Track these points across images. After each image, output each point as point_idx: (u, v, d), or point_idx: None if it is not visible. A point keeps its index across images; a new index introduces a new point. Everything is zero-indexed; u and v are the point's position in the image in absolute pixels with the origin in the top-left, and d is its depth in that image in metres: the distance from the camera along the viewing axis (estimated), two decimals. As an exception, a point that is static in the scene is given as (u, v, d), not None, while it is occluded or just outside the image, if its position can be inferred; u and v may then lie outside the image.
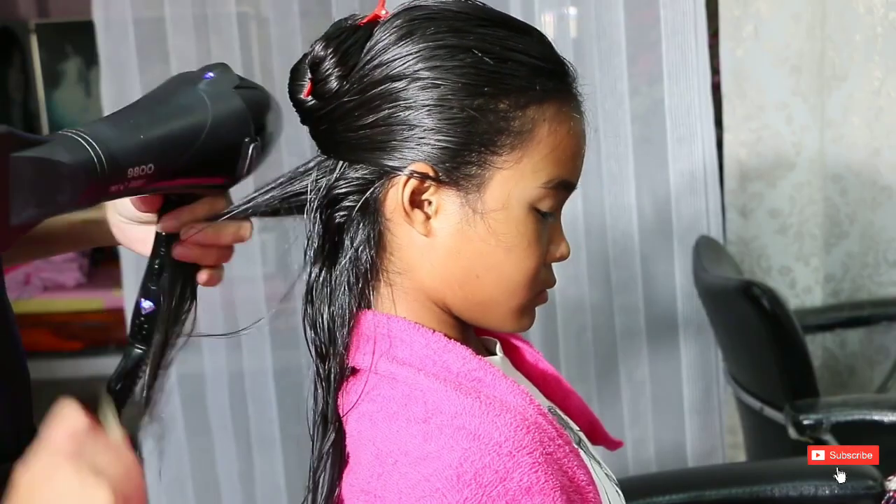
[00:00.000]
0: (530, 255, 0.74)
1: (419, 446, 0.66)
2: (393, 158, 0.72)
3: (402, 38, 0.71)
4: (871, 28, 2.11)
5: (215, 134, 0.73)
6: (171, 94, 0.74)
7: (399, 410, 0.69)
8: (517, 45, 0.72)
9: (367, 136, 0.72)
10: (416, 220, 0.72)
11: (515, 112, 0.71)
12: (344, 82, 0.72)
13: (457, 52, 0.71)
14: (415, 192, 0.72)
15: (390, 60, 0.71)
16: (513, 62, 0.71)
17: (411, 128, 0.71)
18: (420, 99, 0.70)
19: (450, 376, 0.71)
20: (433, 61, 0.71)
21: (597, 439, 0.92)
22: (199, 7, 2.13)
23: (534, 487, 0.64)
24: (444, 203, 0.72)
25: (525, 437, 0.66)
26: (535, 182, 0.72)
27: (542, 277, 0.76)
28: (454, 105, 0.70)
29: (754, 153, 2.17)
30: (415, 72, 0.71)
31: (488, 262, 0.73)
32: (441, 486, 0.63)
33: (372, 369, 0.73)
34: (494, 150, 0.71)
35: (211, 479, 2.29)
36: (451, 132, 0.71)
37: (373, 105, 0.71)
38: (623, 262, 2.17)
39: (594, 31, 2.10)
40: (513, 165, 0.72)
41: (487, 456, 0.64)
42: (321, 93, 0.73)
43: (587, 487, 0.70)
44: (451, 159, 0.71)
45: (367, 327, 0.74)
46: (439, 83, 0.70)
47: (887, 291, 2.20)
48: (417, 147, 0.71)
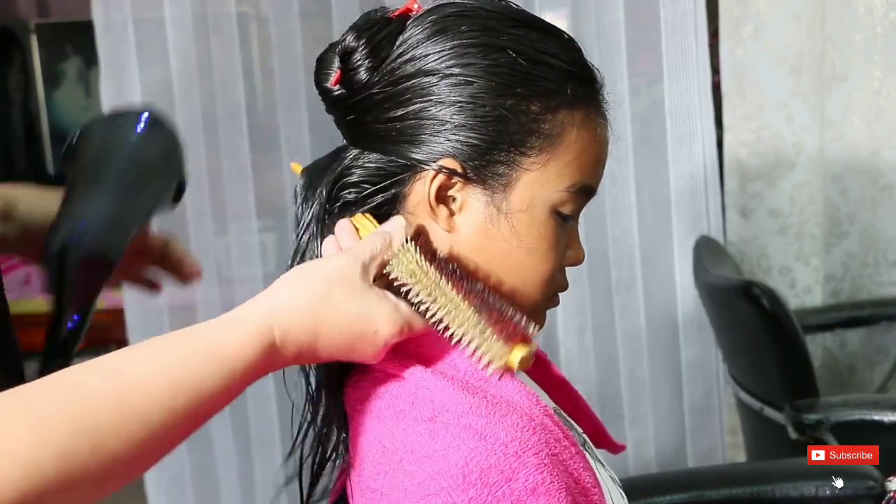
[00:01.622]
0: (549, 257, 0.74)
1: (425, 444, 0.66)
2: (421, 152, 0.72)
3: (435, 33, 0.72)
4: (871, 28, 2.11)
5: (154, 191, 0.80)
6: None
7: (406, 408, 0.69)
8: (549, 49, 0.73)
9: (395, 129, 0.73)
10: (441, 215, 0.73)
11: (546, 115, 0.72)
12: (374, 74, 0.73)
13: (490, 52, 0.71)
14: (441, 187, 0.72)
15: (423, 55, 0.72)
16: (545, 65, 0.72)
17: (442, 123, 0.71)
18: (452, 96, 0.71)
19: (457, 375, 0.71)
20: (466, 58, 0.71)
21: (600, 443, 0.92)
22: (199, 7, 2.13)
23: (539, 488, 0.64)
24: (470, 200, 0.73)
25: (531, 438, 0.66)
26: (560, 186, 0.73)
27: (557, 280, 0.77)
28: (486, 103, 0.71)
29: (754, 153, 2.17)
30: (447, 68, 0.71)
31: (508, 261, 0.74)
32: (446, 485, 0.63)
33: (377, 366, 0.73)
34: (523, 151, 0.72)
35: (211, 478, 2.29)
36: (481, 130, 0.71)
37: (403, 98, 0.72)
38: (623, 262, 2.17)
39: (594, 31, 2.09)
40: (540, 168, 0.72)
41: (493, 456, 0.64)
42: (350, 83, 0.74)
43: (592, 489, 0.70)
44: (480, 157, 0.72)
45: None
46: (472, 80, 0.71)
47: (887, 291, 2.20)
48: (447, 142, 0.72)
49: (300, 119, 2.15)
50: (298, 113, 2.15)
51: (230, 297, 2.20)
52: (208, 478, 2.29)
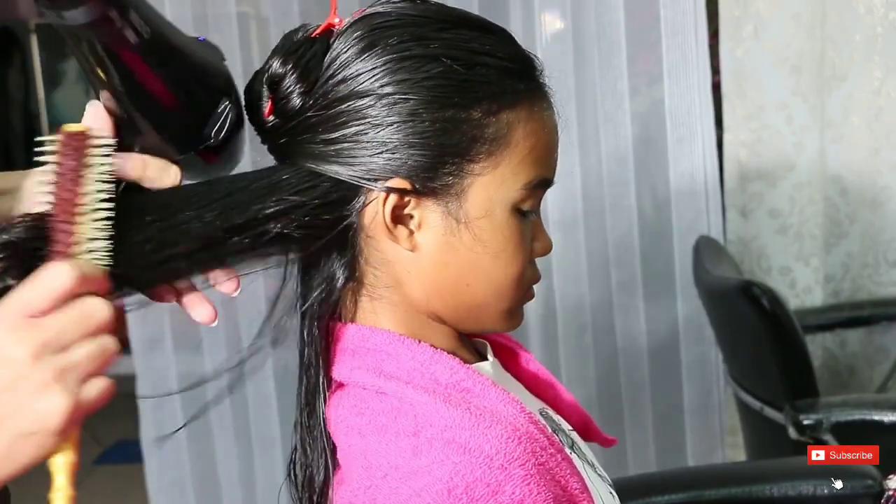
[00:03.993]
0: (517, 257, 0.73)
1: (409, 461, 0.65)
2: (359, 172, 0.69)
3: (363, 50, 0.69)
4: (871, 28, 2.11)
5: (203, 69, 0.69)
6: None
7: (388, 424, 0.68)
8: (483, 47, 0.70)
9: (332, 151, 0.69)
10: (401, 236, 0.71)
11: (489, 119, 0.70)
12: (307, 98, 0.69)
13: (423, 63, 0.68)
14: (395, 207, 0.70)
15: (355, 75, 0.69)
16: (481, 66, 0.70)
17: (383, 144, 0.69)
18: (390, 117, 0.68)
19: (438, 388, 0.70)
20: (399, 74, 0.68)
21: (590, 437, 0.91)
22: (199, 7, 2.13)
23: (526, 500, 0.63)
24: (427, 216, 0.71)
25: (517, 449, 0.65)
26: (515, 185, 0.71)
27: (529, 275, 0.75)
28: (425, 119, 0.68)
29: (754, 153, 2.17)
30: (381, 87, 0.68)
31: (477, 269, 0.72)
32: (432, 501, 0.62)
33: (357, 383, 0.71)
34: (471, 159, 0.70)
35: (211, 479, 2.30)
36: (424, 146, 0.69)
37: (339, 122, 0.69)
38: (623, 262, 2.17)
39: (594, 31, 2.10)
40: (491, 171, 0.70)
41: (479, 469, 0.63)
42: (283, 111, 0.70)
43: (580, 496, 0.69)
44: (426, 171, 0.69)
45: (349, 341, 0.73)
46: (409, 97, 0.68)
47: (887, 291, 2.20)
48: (389, 163, 0.69)
49: (300, 119, 2.15)
50: (298, 113, 2.14)
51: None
52: (209, 478, 2.29)
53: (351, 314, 0.75)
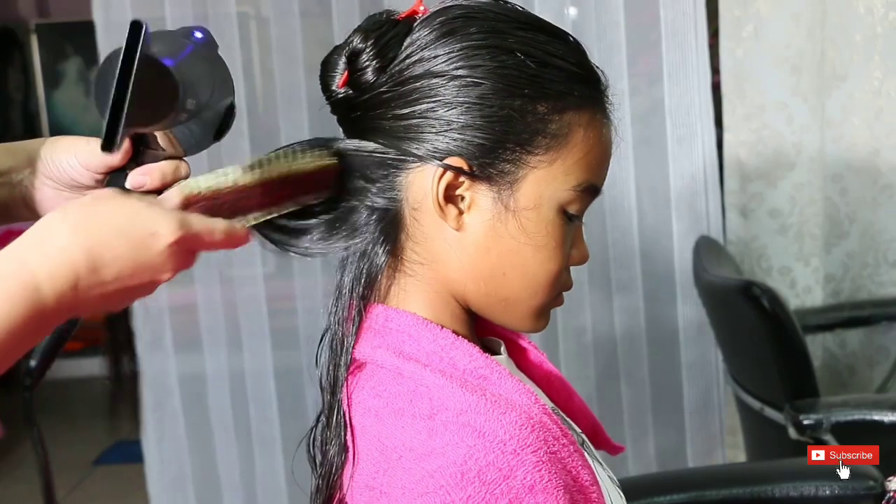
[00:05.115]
0: (556, 256, 0.75)
1: (424, 442, 0.67)
2: (423, 148, 0.73)
3: (443, 35, 0.73)
4: (871, 28, 2.11)
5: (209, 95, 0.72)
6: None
7: (405, 406, 0.70)
8: (556, 51, 0.74)
9: (400, 126, 0.73)
10: (450, 214, 0.73)
11: (553, 115, 0.73)
12: (382, 74, 0.73)
13: (499, 53, 0.72)
14: (449, 186, 0.73)
15: (431, 57, 0.73)
16: (553, 67, 0.73)
17: (448, 123, 0.72)
18: (460, 97, 0.72)
19: (456, 373, 0.71)
20: (475, 60, 0.72)
21: (599, 443, 0.92)
22: (199, 7, 2.13)
23: (537, 486, 0.64)
24: (478, 199, 0.74)
25: (529, 436, 0.66)
26: (566, 184, 0.74)
27: (563, 280, 0.77)
28: (494, 104, 0.72)
29: (754, 153, 2.17)
30: (456, 69, 0.72)
31: (516, 259, 0.74)
32: (445, 483, 0.64)
33: (376, 362, 0.73)
34: (530, 150, 0.73)
35: (212, 479, 2.30)
36: (487, 129, 0.72)
37: (410, 98, 0.73)
38: (623, 262, 2.17)
39: (594, 31, 2.10)
40: (546, 166, 0.73)
41: (492, 453, 0.64)
42: (357, 83, 0.74)
43: (591, 487, 0.70)
44: (485, 155, 0.72)
45: (374, 320, 0.75)
46: (480, 82, 0.72)
47: (887, 291, 2.20)
48: (452, 142, 0.72)
49: (300, 119, 2.15)
50: (298, 113, 2.15)
51: (231, 296, 2.20)
52: (210, 478, 2.30)
53: (382, 295, 0.76)
